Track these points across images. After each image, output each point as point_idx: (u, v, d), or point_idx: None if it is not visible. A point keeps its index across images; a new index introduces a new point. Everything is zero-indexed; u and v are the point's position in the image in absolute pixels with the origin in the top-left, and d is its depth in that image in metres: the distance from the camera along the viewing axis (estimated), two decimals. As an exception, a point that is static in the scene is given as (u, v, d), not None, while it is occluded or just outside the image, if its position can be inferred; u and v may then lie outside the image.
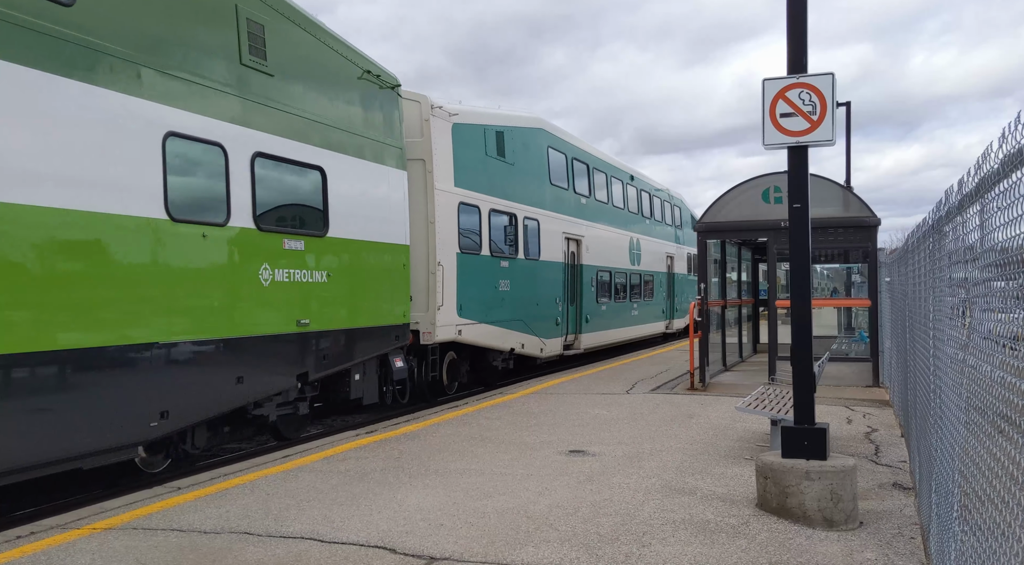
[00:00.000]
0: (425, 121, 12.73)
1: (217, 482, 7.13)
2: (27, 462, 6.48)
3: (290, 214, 9.46)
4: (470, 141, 13.98)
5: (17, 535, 5.65)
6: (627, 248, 22.55)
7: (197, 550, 5.28)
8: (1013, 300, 2.45)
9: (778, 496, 5.88)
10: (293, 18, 9.56)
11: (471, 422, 10.12)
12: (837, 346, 19.48)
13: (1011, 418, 2.41)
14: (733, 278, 18.38)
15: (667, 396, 12.47)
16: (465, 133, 13.83)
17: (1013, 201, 2.44)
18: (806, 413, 6.09)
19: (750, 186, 13.79)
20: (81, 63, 6.85)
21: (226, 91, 8.43)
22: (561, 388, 13.55)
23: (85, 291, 6.85)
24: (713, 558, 5.02)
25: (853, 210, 13.30)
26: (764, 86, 6.21)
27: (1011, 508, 2.36)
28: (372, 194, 10.91)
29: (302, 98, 9.61)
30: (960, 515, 3.48)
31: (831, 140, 6.12)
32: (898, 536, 5.46)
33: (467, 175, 13.75)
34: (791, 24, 6.18)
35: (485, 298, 14.35)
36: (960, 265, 3.73)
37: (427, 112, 12.75)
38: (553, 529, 5.61)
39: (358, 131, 10.65)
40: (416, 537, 5.48)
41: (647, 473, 7.25)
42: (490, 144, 14.72)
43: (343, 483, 7.02)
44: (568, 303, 18.02)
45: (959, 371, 3.63)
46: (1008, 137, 2.50)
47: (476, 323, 13.94)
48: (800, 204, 6.14)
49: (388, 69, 11.46)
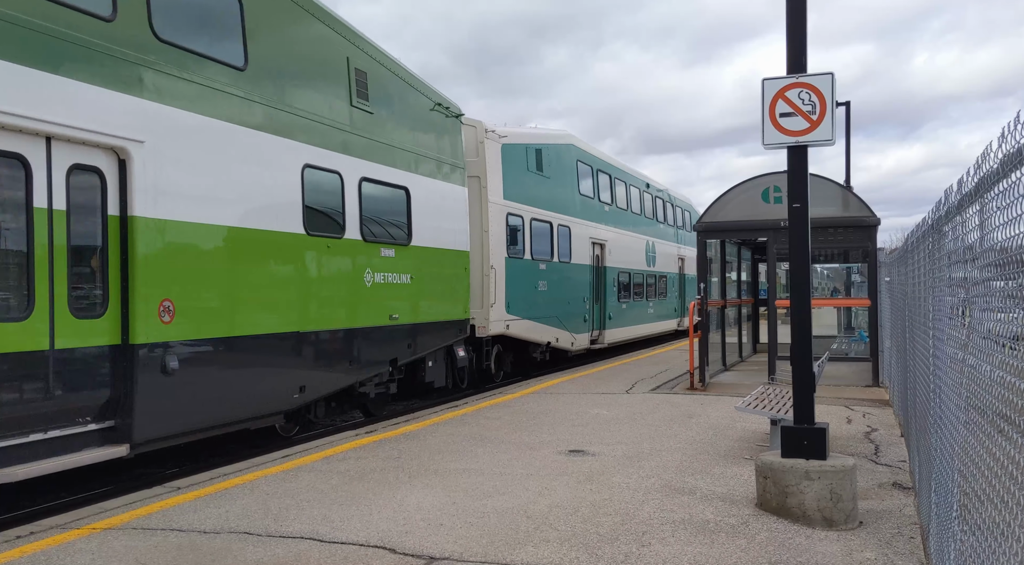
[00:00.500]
0: (480, 143, 14.70)
1: (217, 482, 7.12)
2: (214, 423, 8.47)
3: (384, 227, 11.41)
4: (515, 159, 15.94)
5: (17, 535, 5.64)
6: (644, 251, 24.23)
7: (197, 550, 5.28)
8: (1012, 300, 2.45)
9: (778, 496, 5.88)
10: (386, 64, 11.70)
11: (471, 422, 10.12)
12: (837, 346, 19.49)
13: (1010, 418, 2.41)
14: (733, 278, 18.40)
15: (667, 396, 12.47)
16: (511, 152, 15.75)
17: (1012, 201, 2.43)
18: (806, 413, 6.09)
19: (750, 186, 13.79)
20: (256, 117, 9.02)
21: (341, 128, 10.48)
22: (560, 388, 13.55)
23: (256, 290, 8.86)
24: (713, 558, 5.02)
25: (853, 210, 13.30)
26: (764, 86, 6.21)
27: (1010, 508, 2.36)
28: (442, 208, 12.92)
29: (392, 130, 11.65)
30: (959, 515, 3.48)
31: (831, 140, 6.12)
32: (898, 536, 5.46)
33: (513, 188, 15.68)
34: (790, 24, 6.17)
35: (527, 297, 16.15)
36: (959, 265, 3.73)
37: (482, 135, 14.74)
38: (553, 529, 5.62)
39: (432, 155, 12.67)
40: (416, 537, 5.48)
41: (647, 473, 7.26)
42: (530, 160, 16.69)
43: (343, 483, 7.02)
44: (594, 302, 19.73)
45: (958, 371, 3.63)
46: (1007, 137, 2.50)
47: (521, 319, 15.80)
48: (800, 204, 6.14)
49: (452, 100, 13.43)
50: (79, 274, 7.15)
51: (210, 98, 8.38)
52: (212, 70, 8.47)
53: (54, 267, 6.86)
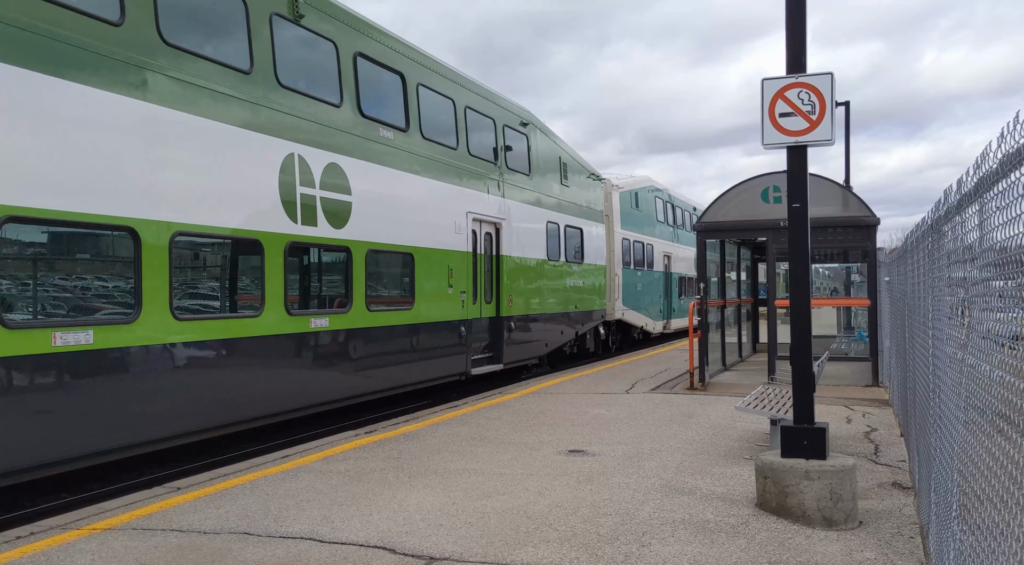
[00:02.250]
0: (608, 193, 22.21)
1: (216, 482, 7.12)
2: (530, 355, 16.53)
3: (572, 252, 18.63)
4: (625, 201, 23.61)
5: (17, 535, 5.64)
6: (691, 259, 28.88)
7: (197, 550, 5.28)
8: (1012, 299, 2.45)
9: (778, 496, 5.88)
10: (572, 155, 19.27)
11: (470, 422, 10.12)
12: (836, 345, 19.47)
13: (1010, 417, 2.41)
14: (733, 278, 18.42)
15: (667, 396, 12.47)
16: (623, 197, 23.47)
17: (1012, 200, 2.44)
18: (805, 412, 6.09)
19: (749, 186, 13.78)
20: (537, 202, 16.98)
21: (558, 199, 17.85)
22: (560, 388, 13.55)
23: (535, 290, 16.49)
24: (712, 558, 5.02)
25: (852, 209, 13.29)
26: (763, 86, 6.21)
27: (1010, 507, 2.36)
28: (596, 238, 20.38)
29: (575, 194, 18.98)
30: (959, 514, 3.48)
31: (830, 140, 6.12)
32: (897, 535, 5.46)
33: (625, 221, 23.36)
34: (790, 24, 6.17)
35: (632, 294, 23.53)
36: (959, 264, 3.73)
37: (609, 188, 22.39)
38: (553, 529, 5.62)
39: (590, 206, 20.07)
40: (416, 537, 5.48)
41: (647, 473, 7.26)
42: (633, 201, 24.32)
43: (342, 483, 7.02)
44: (665, 298, 27.15)
45: (958, 370, 3.63)
46: (1007, 137, 2.51)
47: (629, 310, 23.25)
48: (799, 204, 6.14)
49: (595, 169, 21.25)
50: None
51: (519, 194, 15.78)
52: (526, 181, 16.37)
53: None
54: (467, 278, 13.68)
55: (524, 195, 15.92)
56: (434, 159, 12.79)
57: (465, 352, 13.63)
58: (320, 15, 10.23)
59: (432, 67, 13.05)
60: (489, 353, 14.61)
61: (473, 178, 14.01)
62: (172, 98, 7.95)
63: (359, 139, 10.90)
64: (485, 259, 14.43)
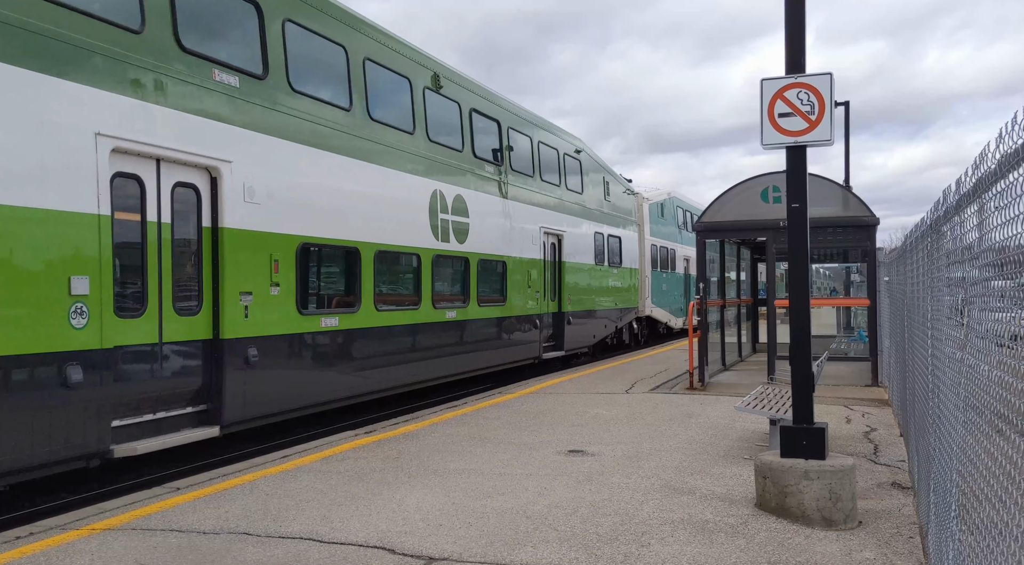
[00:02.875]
0: (640, 205, 24.95)
1: (216, 482, 7.12)
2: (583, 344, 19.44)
3: (613, 257, 21.59)
4: (654, 211, 26.28)
5: (16, 536, 5.64)
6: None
7: (196, 550, 5.28)
8: (1011, 299, 2.45)
9: (777, 496, 5.89)
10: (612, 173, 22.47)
11: (470, 422, 10.12)
12: (836, 345, 19.48)
13: (1009, 418, 2.41)
14: (732, 278, 18.42)
15: (666, 396, 12.47)
16: (652, 208, 26.09)
17: (1011, 200, 2.44)
18: (805, 413, 6.09)
19: (749, 186, 13.78)
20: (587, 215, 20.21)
21: (602, 211, 20.94)
22: (560, 388, 13.55)
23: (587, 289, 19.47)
24: (712, 558, 5.02)
25: (852, 209, 13.30)
26: (762, 86, 6.21)
27: (1008, 508, 2.36)
28: (631, 244, 23.39)
29: (614, 207, 21.95)
30: (958, 514, 3.48)
31: (829, 140, 6.12)
32: (897, 536, 5.46)
33: (653, 228, 26.04)
34: (789, 24, 6.17)
35: (659, 294, 26.19)
36: (958, 264, 3.73)
37: (641, 200, 25.05)
38: (552, 529, 5.62)
39: (626, 217, 23.13)
40: (415, 537, 5.48)
41: (646, 473, 7.26)
42: (659, 211, 27.08)
43: (342, 483, 7.02)
44: (684, 297, 29.31)
45: (957, 370, 3.63)
46: (1006, 137, 2.51)
47: (656, 307, 25.90)
48: (799, 204, 6.14)
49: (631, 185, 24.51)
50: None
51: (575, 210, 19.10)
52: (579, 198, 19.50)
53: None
54: (540, 280, 16.98)
55: (578, 210, 19.29)
56: (518, 186, 16.27)
57: (538, 340, 16.88)
58: (450, 84, 13.92)
59: (517, 113, 16.60)
60: (553, 342, 17.73)
61: (544, 198, 17.49)
62: (374, 155, 11.42)
63: (472, 175, 14.38)
64: (551, 264, 17.75)
